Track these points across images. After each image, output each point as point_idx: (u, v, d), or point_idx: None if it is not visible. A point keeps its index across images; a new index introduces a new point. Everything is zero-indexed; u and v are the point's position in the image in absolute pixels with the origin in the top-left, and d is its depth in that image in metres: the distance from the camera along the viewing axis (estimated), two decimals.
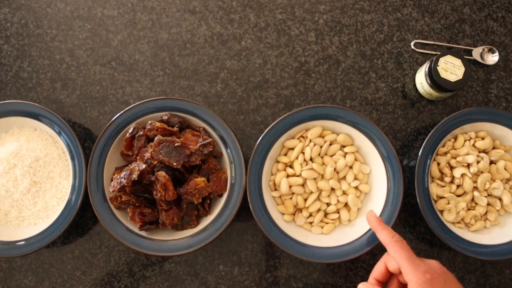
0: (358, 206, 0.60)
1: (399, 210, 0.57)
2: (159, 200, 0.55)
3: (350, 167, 0.60)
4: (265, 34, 0.66)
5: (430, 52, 0.66)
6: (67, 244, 0.62)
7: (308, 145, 0.59)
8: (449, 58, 0.60)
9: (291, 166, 0.60)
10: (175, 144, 0.55)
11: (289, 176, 0.59)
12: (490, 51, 0.66)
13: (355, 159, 0.60)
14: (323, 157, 0.60)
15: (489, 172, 0.60)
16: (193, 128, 0.59)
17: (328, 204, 0.60)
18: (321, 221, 0.60)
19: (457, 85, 0.59)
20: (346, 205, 0.60)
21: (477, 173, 0.59)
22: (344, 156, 0.60)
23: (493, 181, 0.60)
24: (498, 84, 0.66)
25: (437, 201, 0.60)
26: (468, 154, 0.59)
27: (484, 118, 0.60)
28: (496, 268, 0.63)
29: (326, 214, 0.60)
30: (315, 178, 0.59)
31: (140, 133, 0.58)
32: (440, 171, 0.60)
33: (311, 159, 0.59)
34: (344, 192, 0.60)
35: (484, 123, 0.60)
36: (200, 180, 0.56)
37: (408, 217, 0.63)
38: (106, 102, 0.65)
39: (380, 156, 0.59)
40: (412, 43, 0.66)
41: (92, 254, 0.62)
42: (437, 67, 0.59)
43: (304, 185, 0.59)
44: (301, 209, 0.60)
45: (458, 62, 0.60)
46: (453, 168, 0.60)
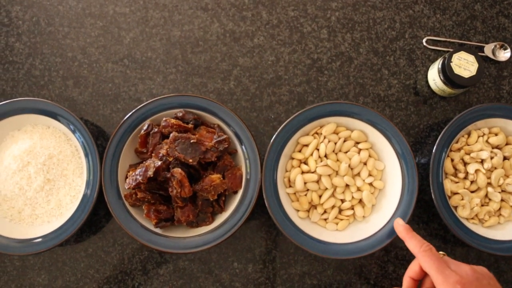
0: (372, 203, 0.60)
1: (414, 206, 0.57)
2: (175, 197, 0.55)
3: (364, 164, 0.60)
4: (277, 31, 0.66)
5: (442, 48, 0.66)
6: (80, 242, 0.62)
7: (322, 142, 0.59)
8: (463, 55, 0.60)
9: (305, 163, 0.60)
10: (191, 141, 0.55)
11: (303, 172, 0.59)
12: (502, 47, 0.66)
13: (369, 155, 0.60)
14: (337, 154, 0.60)
15: (503, 168, 0.60)
16: (207, 125, 0.59)
17: (342, 201, 0.60)
18: (336, 217, 0.60)
19: (470, 81, 0.59)
20: (361, 201, 0.60)
21: (491, 169, 0.59)
22: (358, 153, 0.60)
23: (507, 177, 0.60)
24: (510, 81, 0.66)
25: (451, 197, 0.60)
26: (481, 150, 0.60)
27: (497, 114, 0.60)
28: (510, 264, 0.63)
29: (341, 211, 0.60)
30: (330, 175, 0.59)
31: (154, 130, 0.57)
32: (454, 167, 0.61)
33: (326, 156, 0.59)
34: (359, 189, 0.60)
35: (497, 119, 0.60)
36: (215, 177, 0.56)
37: (421, 213, 0.63)
38: (118, 99, 0.64)
39: (394, 153, 0.59)
40: (424, 40, 0.66)
41: (105, 252, 0.62)
42: (451, 63, 0.60)
43: (319, 181, 0.59)
44: (316, 206, 0.60)
45: (471, 58, 0.60)
46: (467, 164, 0.60)
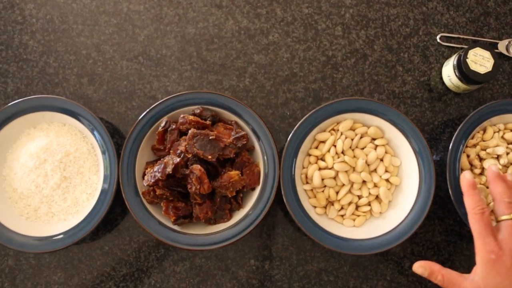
0: (389, 199, 0.60)
1: (431, 202, 0.57)
2: (193, 194, 0.55)
3: (381, 160, 0.60)
4: (292, 28, 0.66)
5: (455, 45, 0.66)
6: (96, 240, 0.62)
7: (339, 138, 0.59)
8: (478, 51, 0.60)
9: (322, 159, 0.60)
10: (210, 137, 0.55)
11: (321, 169, 0.59)
12: None
13: (386, 151, 0.60)
14: (354, 150, 0.60)
15: None
16: (225, 122, 0.59)
17: (359, 197, 0.60)
18: (353, 213, 0.60)
19: (486, 77, 0.60)
20: (377, 197, 0.60)
21: (507, 164, 0.60)
22: (375, 149, 0.60)
23: None
24: None
25: None
26: (497, 145, 0.60)
27: None
28: None
29: (358, 207, 0.60)
30: (347, 171, 0.59)
31: (172, 126, 0.57)
32: (470, 163, 0.61)
33: (343, 152, 0.59)
34: (375, 185, 0.60)
35: None
36: (234, 173, 0.56)
37: (437, 209, 0.63)
38: (133, 97, 0.64)
39: (411, 149, 0.59)
40: (438, 37, 0.66)
41: (121, 250, 0.62)
42: (467, 60, 0.60)
43: (336, 177, 0.59)
44: (333, 202, 0.60)
45: (487, 54, 0.60)
46: (482, 159, 0.60)
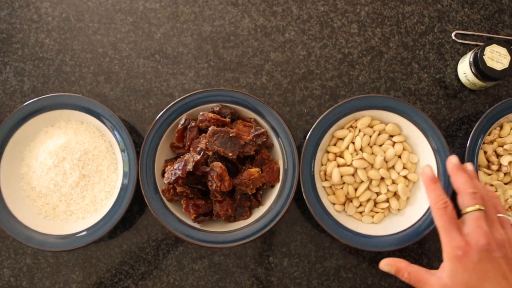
0: (407, 195, 0.60)
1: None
2: (214, 191, 0.55)
3: (399, 157, 0.60)
4: (308, 26, 0.66)
5: (470, 42, 0.66)
6: (114, 238, 0.62)
7: (358, 135, 0.59)
8: (495, 47, 0.60)
9: (341, 156, 0.60)
10: (230, 135, 0.55)
11: (340, 166, 0.59)
12: None
13: (404, 148, 0.60)
14: (372, 147, 0.60)
15: None
16: (244, 119, 0.59)
17: (378, 194, 0.60)
18: (371, 210, 0.60)
19: (503, 73, 0.60)
20: (396, 194, 0.60)
21: None
22: (393, 146, 0.60)
23: None
24: None
25: None
26: None
27: None
28: None
29: (376, 204, 0.60)
30: (365, 168, 0.59)
31: (192, 124, 0.57)
32: (487, 159, 0.61)
33: (361, 149, 0.60)
34: (394, 181, 0.60)
35: None
36: (254, 171, 0.56)
37: (455, 206, 0.63)
38: (150, 95, 0.64)
39: (429, 145, 0.59)
40: (453, 34, 0.67)
41: (140, 248, 0.62)
42: (483, 56, 0.60)
43: (355, 174, 0.59)
44: (352, 199, 0.60)
45: (503, 51, 0.60)
46: (500, 156, 0.61)
